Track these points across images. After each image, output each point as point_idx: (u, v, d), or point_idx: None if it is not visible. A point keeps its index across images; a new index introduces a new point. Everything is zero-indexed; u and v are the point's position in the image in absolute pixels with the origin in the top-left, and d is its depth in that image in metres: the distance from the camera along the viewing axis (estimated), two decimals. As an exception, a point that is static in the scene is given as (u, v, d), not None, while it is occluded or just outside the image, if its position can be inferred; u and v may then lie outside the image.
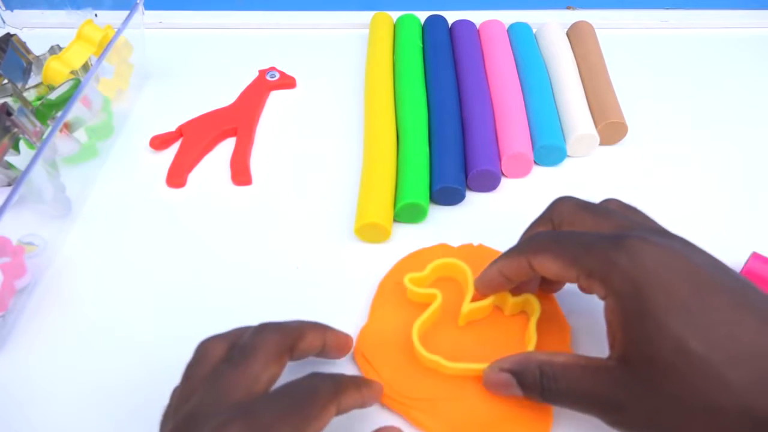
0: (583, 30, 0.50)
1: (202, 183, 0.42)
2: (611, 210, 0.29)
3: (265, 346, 0.26)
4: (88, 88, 0.40)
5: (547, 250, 0.28)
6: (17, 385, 0.32)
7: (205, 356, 0.27)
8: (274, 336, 0.27)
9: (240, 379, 0.25)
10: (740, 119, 0.47)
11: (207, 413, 0.24)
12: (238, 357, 0.26)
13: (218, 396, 0.24)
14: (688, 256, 0.25)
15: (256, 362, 0.25)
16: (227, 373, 0.25)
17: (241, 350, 0.26)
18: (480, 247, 0.37)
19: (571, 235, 0.28)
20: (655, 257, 0.25)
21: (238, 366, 0.25)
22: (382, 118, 0.44)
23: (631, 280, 0.24)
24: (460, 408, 0.29)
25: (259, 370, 0.25)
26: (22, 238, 0.36)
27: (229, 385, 0.25)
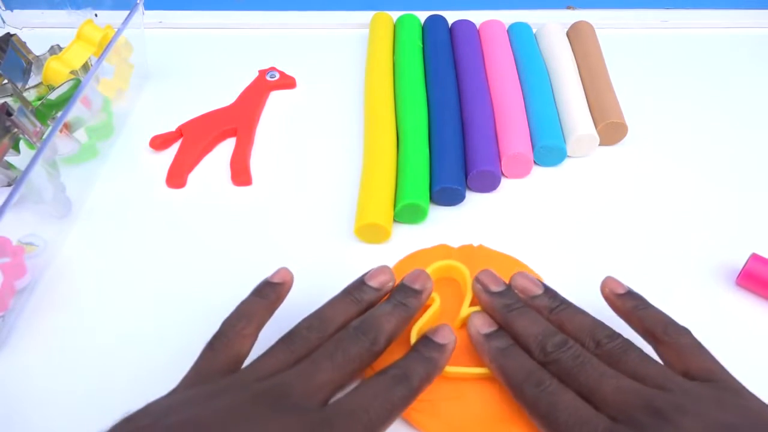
0: (583, 30, 0.50)
1: (202, 183, 0.42)
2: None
3: (365, 361, 0.27)
4: (88, 88, 0.40)
5: (539, 416, 0.26)
6: (17, 385, 0.32)
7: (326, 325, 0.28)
8: (371, 356, 0.28)
9: (333, 382, 0.26)
10: (740, 119, 0.47)
11: (297, 400, 0.24)
12: (340, 361, 0.27)
13: (309, 388, 0.25)
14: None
15: (353, 371, 0.27)
16: (325, 372, 0.26)
17: (344, 354, 0.27)
18: (480, 247, 0.37)
19: (565, 411, 0.25)
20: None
21: (338, 370, 0.26)
22: (382, 118, 0.44)
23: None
24: (460, 408, 0.29)
25: (351, 377, 0.27)
26: (22, 238, 0.36)
27: (322, 382, 0.26)
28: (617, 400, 0.25)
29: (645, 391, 0.25)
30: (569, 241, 0.38)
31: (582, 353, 0.27)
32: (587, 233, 0.39)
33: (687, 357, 0.27)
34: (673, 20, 0.56)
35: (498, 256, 0.36)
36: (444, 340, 0.28)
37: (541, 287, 0.31)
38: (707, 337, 0.29)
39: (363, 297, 0.30)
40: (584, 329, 0.29)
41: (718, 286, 0.35)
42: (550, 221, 0.39)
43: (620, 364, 0.27)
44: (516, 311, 0.30)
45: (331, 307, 0.30)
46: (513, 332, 0.29)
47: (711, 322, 0.34)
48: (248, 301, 0.30)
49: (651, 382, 0.26)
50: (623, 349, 0.27)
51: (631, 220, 0.39)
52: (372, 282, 0.31)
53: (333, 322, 0.29)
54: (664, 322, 0.29)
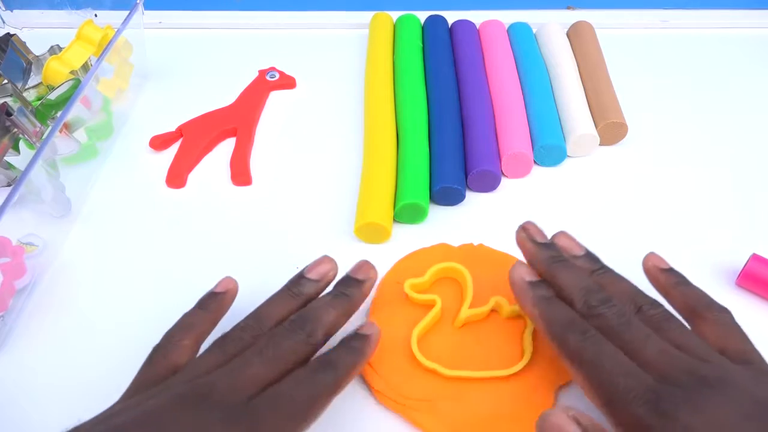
0: (583, 30, 0.50)
1: (202, 183, 0.42)
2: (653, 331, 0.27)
3: (299, 353, 0.27)
4: (87, 88, 0.40)
5: (582, 364, 0.26)
6: (17, 385, 0.32)
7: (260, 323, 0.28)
8: (307, 349, 0.28)
9: (262, 376, 0.26)
10: (740, 119, 0.46)
11: (221, 397, 0.24)
12: (271, 355, 0.26)
13: (237, 383, 0.25)
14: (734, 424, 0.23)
15: (285, 365, 0.27)
16: (253, 367, 0.26)
17: (275, 349, 0.27)
18: (480, 246, 0.37)
19: (611, 359, 0.25)
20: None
21: (268, 364, 0.26)
22: (382, 118, 0.44)
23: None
24: (460, 408, 0.29)
25: (282, 372, 0.26)
26: (21, 238, 0.36)
27: (250, 377, 0.25)
28: (663, 362, 0.25)
29: (688, 359, 0.25)
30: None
31: (627, 312, 0.27)
32: (587, 233, 0.38)
33: (726, 336, 0.27)
34: (673, 20, 0.56)
35: (498, 255, 0.36)
36: (367, 331, 0.29)
37: (583, 249, 0.31)
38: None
39: (302, 290, 0.30)
40: (626, 293, 0.28)
41: (718, 287, 0.35)
42: (550, 221, 0.39)
43: (662, 332, 0.26)
44: (561, 263, 0.29)
45: (268, 305, 0.30)
46: (557, 284, 0.29)
47: (711, 322, 0.34)
48: (189, 313, 0.30)
49: (693, 353, 0.25)
50: (665, 318, 0.27)
51: (631, 220, 0.39)
52: (311, 274, 0.31)
53: (270, 319, 0.29)
54: (707, 299, 0.29)
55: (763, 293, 0.34)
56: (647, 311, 0.27)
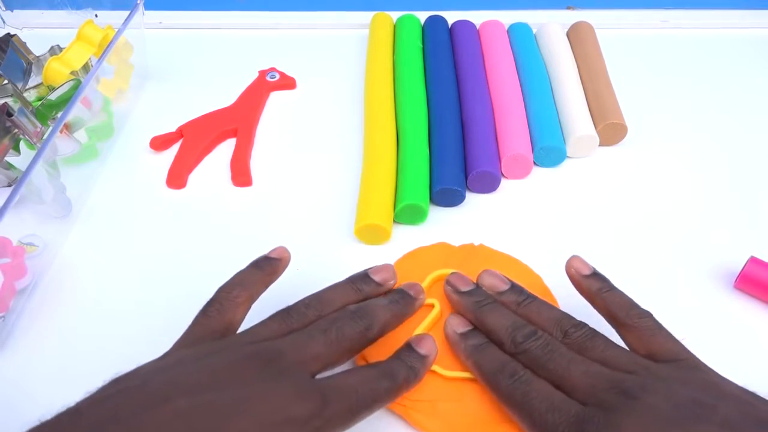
0: (583, 30, 0.50)
1: (202, 184, 0.42)
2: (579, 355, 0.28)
3: (357, 342, 0.28)
4: (88, 88, 0.40)
5: (514, 406, 0.27)
6: (17, 386, 0.32)
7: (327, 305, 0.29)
8: (364, 340, 0.28)
9: (324, 357, 0.26)
10: (740, 119, 0.46)
11: (288, 365, 0.25)
12: (333, 338, 0.27)
13: (301, 356, 0.26)
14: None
15: (344, 350, 0.27)
16: (317, 344, 0.26)
17: (338, 332, 0.27)
18: (480, 247, 0.37)
19: (538, 397, 0.26)
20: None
21: (331, 346, 0.27)
22: (382, 118, 0.44)
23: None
24: (460, 409, 0.30)
25: (341, 356, 0.27)
26: (22, 238, 0.36)
27: (314, 354, 0.26)
28: (586, 384, 0.26)
29: (612, 374, 0.26)
30: (569, 242, 0.38)
31: (551, 342, 0.28)
32: (587, 234, 0.39)
33: (649, 339, 0.28)
34: (673, 20, 0.56)
35: (498, 255, 0.36)
36: (426, 351, 0.29)
37: (507, 283, 0.32)
38: (705, 340, 0.29)
39: (364, 288, 0.31)
40: (551, 320, 0.29)
41: (716, 289, 0.35)
42: (550, 222, 0.39)
43: (587, 351, 0.28)
44: (486, 307, 0.31)
45: (332, 291, 0.30)
46: (485, 328, 0.30)
47: (709, 325, 0.34)
48: (245, 271, 0.31)
49: (617, 366, 0.26)
50: (589, 337, 0.28)
51: (630, 221, 0.39)
52: (376, 276, 0.32)
53: (331, 304, 0.29)
54: (626, 306, 0.29)
55: (761, 296, 0.34)
56: (572, 334, 0.28)
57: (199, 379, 0.24)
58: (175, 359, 0.26)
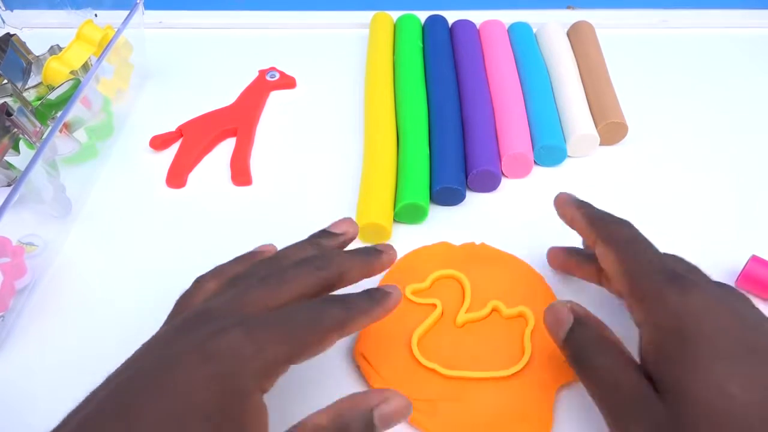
0: (583, 30, 0.50)
1: (202, 183, 0.42)
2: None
3: (304, 282, 0.26)
4: (87, 88, 0.40)
5: (617, 244, 0.28)
6: (17, 386, 0.32)
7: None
8: (314, 279, 0.26)
9: (262, 299, 0.25)
10: (740, 119, 0.46)
11: (217, 315, 0.24)
12: (274, 281, 0.26)
13: (234, 305, 0.25)
14: (740, 311, 0.25)
15: (288, 292, 0.25)
16: (254, 290, 0.25)
17: (280, 275, 0.26)
18: (482, 245, 0.37)
19: (641, 247, 0.28)
20: (706, 304, 0.25)
21: (270, 288, 0.25)
22: (382, 118, 0.44)
23: (677, 319, 0.24)
24: (460, 409, 0.29)
25: (286, 299, 0.25)
26: (22, 238, 0.36)
27: (249, 300, 0.25)
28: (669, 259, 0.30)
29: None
30: (569, 241, 0.38)
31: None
32: (587, 233, 0.39)
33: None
34: (673, 20, 0.56)
35: (500, 254, 0.36)
36: (390, 289, 0.28)
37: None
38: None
39: (321, 241, 0.30)
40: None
41: (718, 287, 0.35)
42: (551, 221, 0.39)
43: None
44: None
45: (286, 249, 0.29)
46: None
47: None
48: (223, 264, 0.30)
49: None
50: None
51: (631, 220, 0.39)
52: (335, 229, 0.31)
53: (286, 260, 0.28)
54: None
55: (762, 294, 0.34)
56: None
57: (141, 352, 0.26)
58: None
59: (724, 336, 0.24)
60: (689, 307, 0.25)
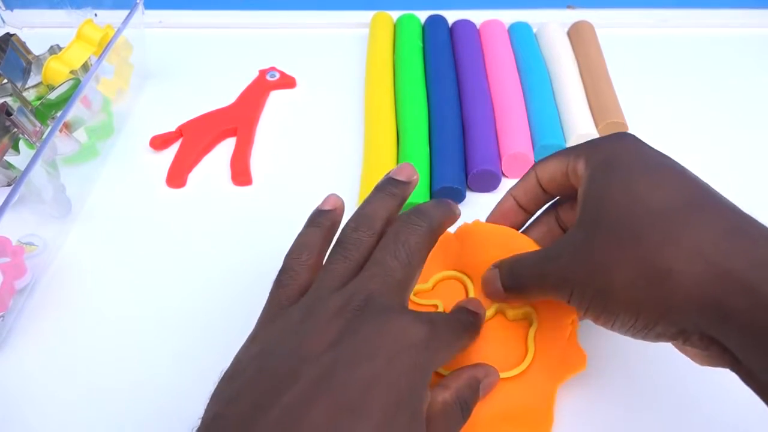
0: (583, 30, 0.50)
1: (202, 183, 0.42)
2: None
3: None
4: (87, 88, 0.40)
5: (550, 156, 0.30)
6: (17, 386, 0.32)
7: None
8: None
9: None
10: (740, 119, 0.46)
11: (383, 299, 0.24)
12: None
13: (392, 287, 0.25)
14: (672, 164, 0.27)
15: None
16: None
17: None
18: (476, 223, 0.34)
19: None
20: (635, 142, 0.27)
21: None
22: (382, 118, 0.44)
23: (607, 152, 0.27)
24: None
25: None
26: (21, 238, 0.36)
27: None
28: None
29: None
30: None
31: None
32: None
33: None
34: (673, 20, 0.56)
35: (495, 229, 0.33)
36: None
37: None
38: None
39: (395, 190, 0.29)
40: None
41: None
42: (551, 221, 0.39)
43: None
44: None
45: (369, 205, 0.29)
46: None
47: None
48: (305, 233, 0.29)
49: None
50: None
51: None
52: (400, 176, 0.30)
53: (377, 218, 0.28)
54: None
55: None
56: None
57: (311, 345, 0.23)
58: (271, 334, 0.25)
59: (649, 156, 0.27)
60: (620, 145, 0.27)
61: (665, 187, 0.25)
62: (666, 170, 0.26)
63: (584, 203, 0.26)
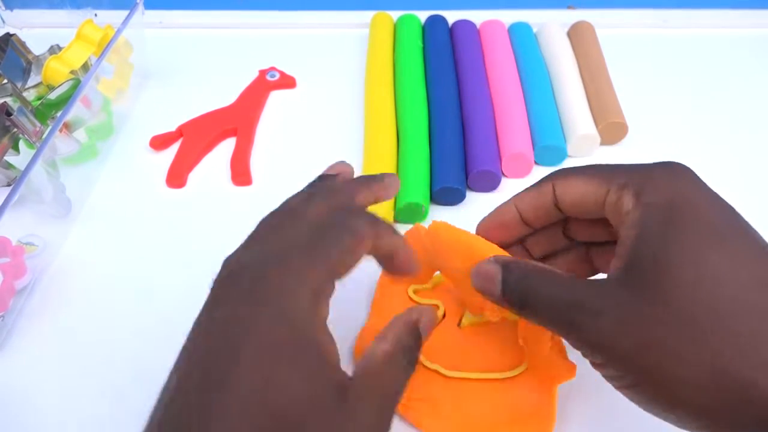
0: (583, 30, 0.50)
1: (202, 183, 0.42)
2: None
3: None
4: (87, 88, 0.40)
5: (573, 172, 0.26)
6: (17, 386, 0.32)
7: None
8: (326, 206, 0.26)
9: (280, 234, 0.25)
10: (740, 119, 0.47)
11: (247, 266, 0.25)
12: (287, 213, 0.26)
13: (260, 252, 0.25)
14: (722, 199, 0.24)
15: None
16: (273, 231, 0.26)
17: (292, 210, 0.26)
18: (444, 226, 0.30)
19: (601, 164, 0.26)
20: (695, 182, 0.24)
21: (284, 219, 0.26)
22: (382, 118, 0.44)
23: (667, 193, 0.23)
24: (461, 409, 0.29)
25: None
26: (22, 238, 0.36)
27: (271, 239, 0.25)
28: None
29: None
30: (570, 241, 0.38)
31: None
32: (588, 233, 0.39)
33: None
34: (673, 20, 0.56)
35: (460, 236, 0.29)
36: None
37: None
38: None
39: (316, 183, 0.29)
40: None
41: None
42: (551, 221, 0.39)
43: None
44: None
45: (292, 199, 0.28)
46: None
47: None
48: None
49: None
50: None
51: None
52: (331, 171, 0.30)
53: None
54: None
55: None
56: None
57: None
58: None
59: (713, 213, 0.22)
60: (679, 183, 0.23)
61: (746, 266, 0.21)
62: (739, 237, 0.22)
63: (635, 259, 0.22)
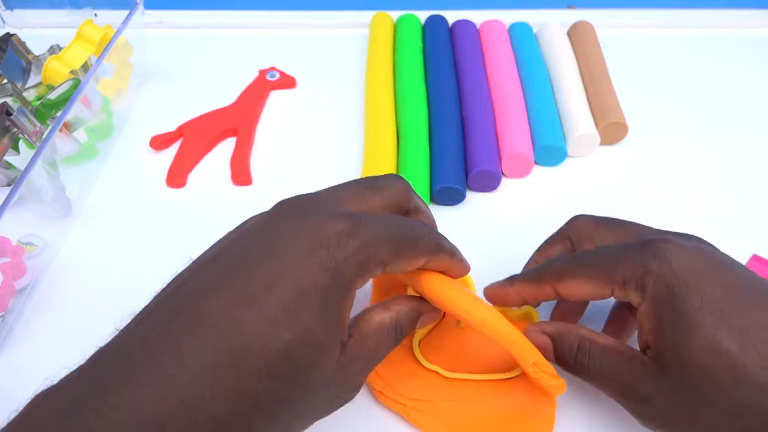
0: (583, 30, 0.50)
1: (202, 183, 0.42)
2: (627, 221, 0.30)
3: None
4: (87, 88, 0.40)
5: (573, 273, 0.27)
6: (16, 386, 0.32)
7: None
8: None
9: (356, 199, 0.26)
10: (741, 119, 0.46)
11: (317, 205, 0.24)
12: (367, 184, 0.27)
13: (331, 198, 0.25)
14: (717, 258, 0.26)
15: (380, 199, 0.26)
16: (348, 188, 0.26)
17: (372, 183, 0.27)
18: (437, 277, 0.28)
19: (595, 252, 0.28)
20: (686, 260, 0.25)
21: (361, 190, 0.26)
22: (382, 118, 0.44)
23: (665, 284, 0.25)
24: (461, 409, 0.29)
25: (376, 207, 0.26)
26: (22, 238, 0.36)
27: (344, 196, 0.26)
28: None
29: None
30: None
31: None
32: (588, 233, 0.39)
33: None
34: (673, 20, 0.56)
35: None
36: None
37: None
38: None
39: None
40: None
41: (719, 286, 0.35)
42: (551, 221, 0.39)
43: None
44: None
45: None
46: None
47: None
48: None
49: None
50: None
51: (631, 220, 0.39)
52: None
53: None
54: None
55: (763, 293, 0.34)
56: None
57: (236, 239, 0.27)
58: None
59: (711, 288, 0.24)
60: (672, 268, 0.25)
61: (755, 345, 0.23)
62: (747, 307, 0.24)
63: (662, 348, 0.25)
